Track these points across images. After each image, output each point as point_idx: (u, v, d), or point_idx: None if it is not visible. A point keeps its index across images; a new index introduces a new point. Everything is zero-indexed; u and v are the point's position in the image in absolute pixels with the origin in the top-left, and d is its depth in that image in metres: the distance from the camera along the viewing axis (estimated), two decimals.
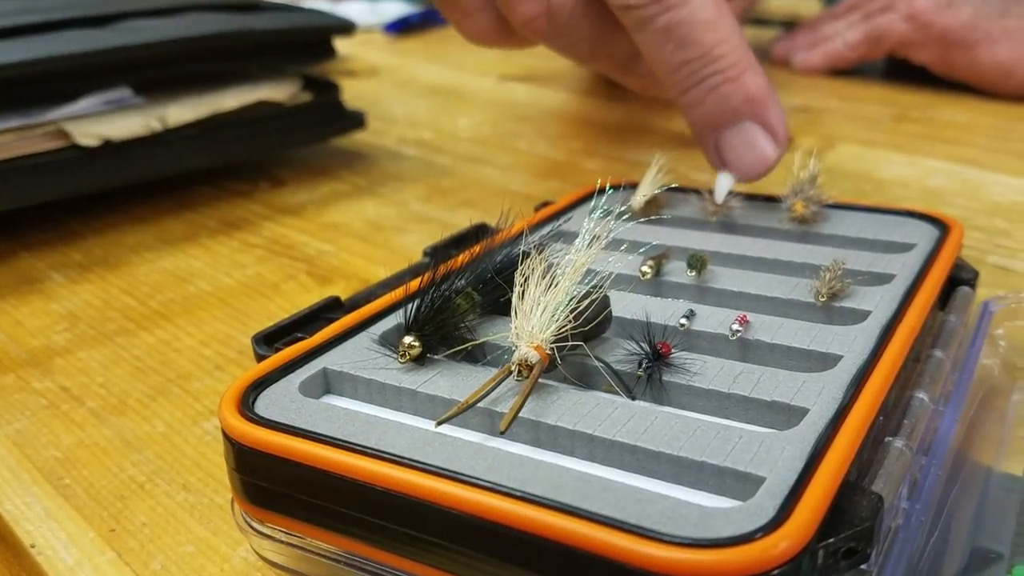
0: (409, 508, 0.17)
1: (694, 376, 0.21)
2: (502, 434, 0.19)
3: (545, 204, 0.34)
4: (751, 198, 0.32)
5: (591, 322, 0.22)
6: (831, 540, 0.16)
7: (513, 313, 0.21)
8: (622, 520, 0.16)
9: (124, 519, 0.23)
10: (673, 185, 0.31)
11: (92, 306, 0.35)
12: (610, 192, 0.25)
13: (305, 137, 0.50)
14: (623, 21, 0.32)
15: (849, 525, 0.17)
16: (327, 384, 0.22)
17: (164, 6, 0.47)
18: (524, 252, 0.23)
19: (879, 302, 0.24)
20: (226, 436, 0.20)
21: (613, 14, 0.32)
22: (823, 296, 0.25)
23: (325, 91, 0.50)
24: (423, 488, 0.17)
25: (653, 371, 0.21)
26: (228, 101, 0.45)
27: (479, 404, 0.20)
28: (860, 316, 0.24)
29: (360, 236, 0.41)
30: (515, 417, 0.19)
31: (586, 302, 0.21)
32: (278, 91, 0.47)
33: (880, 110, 0.58)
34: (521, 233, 0.26)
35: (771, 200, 0.32)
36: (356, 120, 0.50)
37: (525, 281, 0.21)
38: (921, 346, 0.24)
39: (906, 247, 0.28)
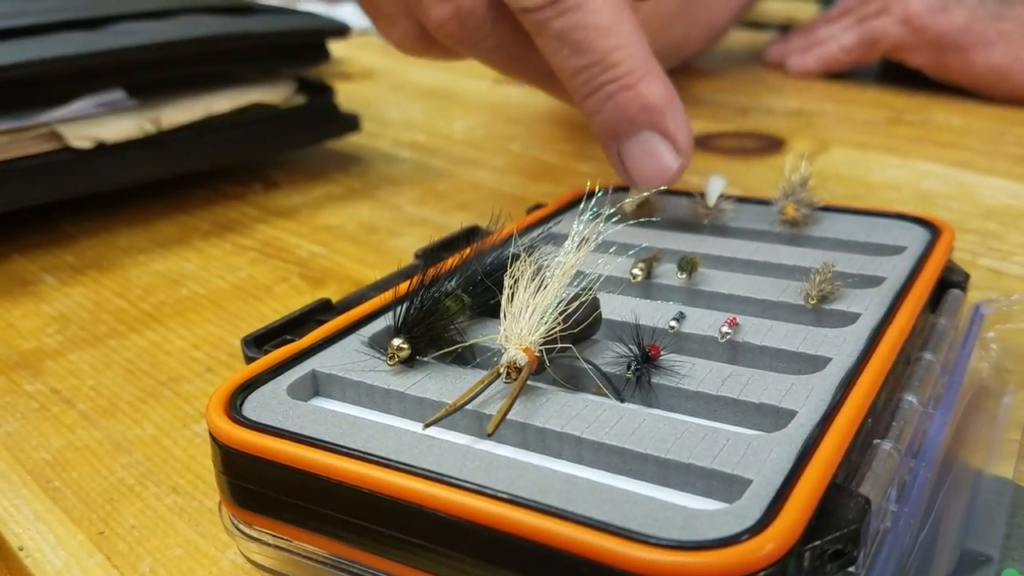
0: (396, 510, 0.17)
1: (683, 378, 0.21)
2: (490, 436, 0.19)
3: (536, 207, 0.34)
4: (742, 201, 0.32)
5: (580, 324, 0.22)
6: (818, 542, 0.16)
7: (502, 315, 0.21)
8: (608, 522, 0.16)
9: (113, 522, 0.23)
10: (664, 187, 0.31)
11: (84, 308, 0.35)
12: (601, 195, 0.25)
13: (299, 140, 0.50)
14: (525, 27, 0.31)
15: (836, 527, 0.17)
16: (316, 386, 0.22)
17: (158, 8, 0.47)
18: (514, 254, 0.23)
19: (869, 304, 0.24)
20: (213, 439, 0.20)
21: None
22: (813, 299, 0.25)
23: (319, 94, 0.50)
24: (410, 490, 0.17)
25: (642, 373, 0.21)
26: (222, 103, 0.45)
27: (467, 406, 0.20)
28: (850, 319, 0.24)
29: (353, 239, 0.41)
30: (503, 419, 0.19)
31: (575, 304, 0.21)
32: (272, 94, 0.47)
33: (874, 113, 0.58)
34: (511, 236, 0.26)
35: (762, 203, 0.32)
36: (350, 123, 0.50)
37: (515, 283, 0.21)
38: (911, 348, 0.24)
39: (897, 250, 0.28)
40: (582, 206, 0.24)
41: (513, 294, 0.21)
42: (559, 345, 0.21)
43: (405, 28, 0.34)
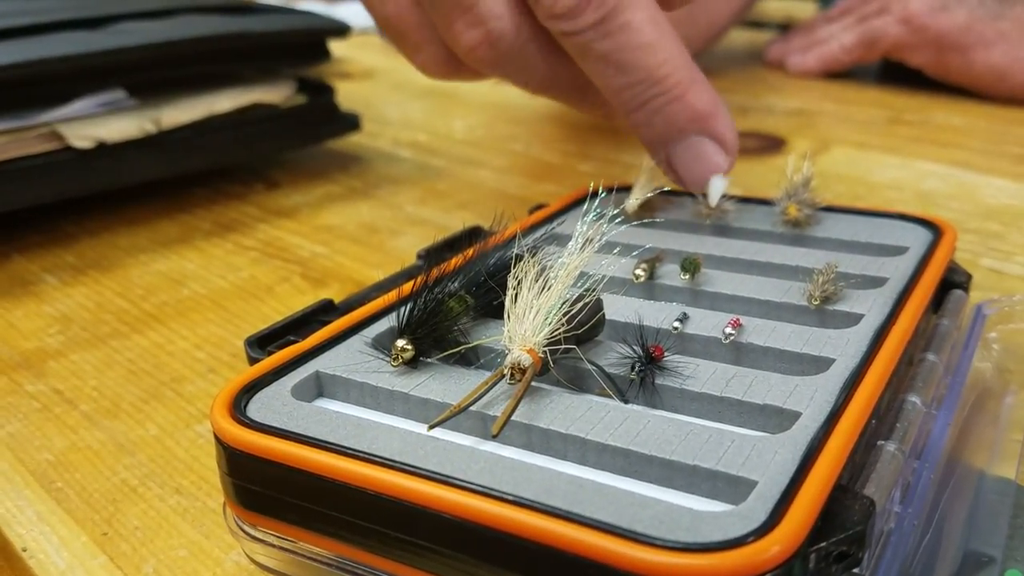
0: (401, 512, 0.17)
1: (687, 379, 0.21)
2: (494, 438, 0.19)
3: (539, 207, 0.34)
4: (745, 201, 0.32)
5: (584, 325, 0.22)
6: (823, 544, 0.16)
7: (506, 316, 0.21)
8: (614, 524, 0.16)
9: (116, 523, 0.23)
10: (667, 188, 0.31)
11: (85, 308, 0.35)
12: (603, 195, 0.25)
13: (300, 139, 0.50)
14: (565, 48, 0.31)
15: (841, 529, 0.17)
16: (320, 387, 0.22)
17: (158, 8, 0.47)
18: (517, 255, 0.23)
19: (872, 305, 0.24)
20: (218, 440, 0.20)
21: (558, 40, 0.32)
22: (816, 299, 0.25)
23: (320, 93, 0.50)
24: (415, 492, 0.17)
25: (646, 374, 0.21)
26: (222, 103, 0.45)
27: (472, 408, 0.20)
28: (853, 319, 0.24)
29: (354, 238, 0.41)
30: (507, 421, 0.19)
31: (579, 305, 0.21)
32: (273, 93, 0.47)
33: (874, 113, 0.58)
34: (514, 236, 0.26)
35: (765, 203, 0.32)
36: (351, 122, 0.50)
37: (518, 284, 0.21)
38: (914, 349, 0.24)
39: (899, 250, 0.28)
40: (585, 207, 0.24)
41: (517, 295, 0.21)
42: (563, 346, 0.21)
43: (433, 54, 0.34)
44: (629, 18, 0.30)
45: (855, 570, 0.17)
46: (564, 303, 0.21)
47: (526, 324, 0.21)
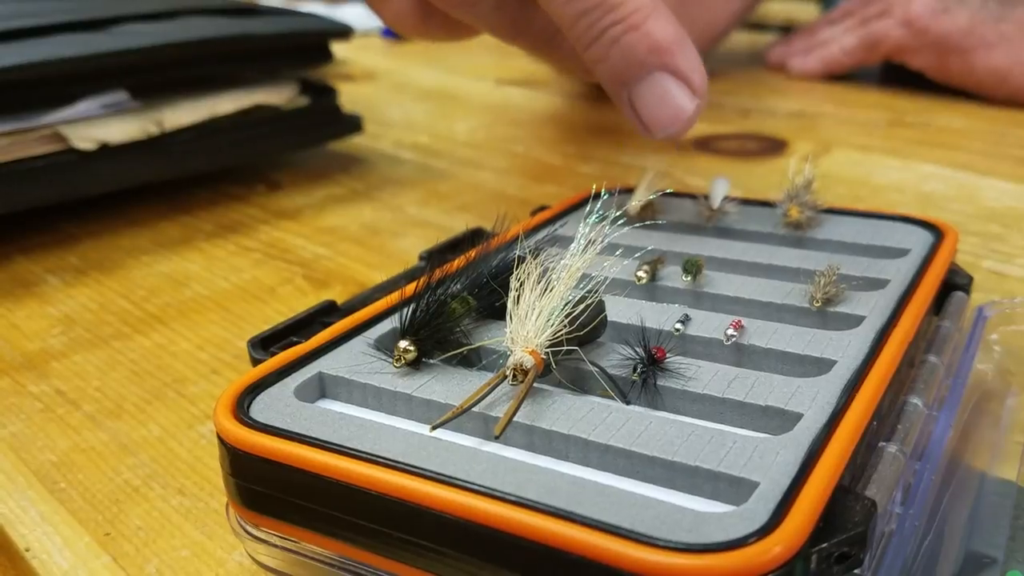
0: (404, 512, 0.17)
1: (689, 381, 0.21)
2: (497, 438, 0.19)
3: (541, 209, 0.34)
4: (746, 203, 0.32)
5: (586, 327, 0.22)
6: (824, 545, 0.16)
7: (508, 318, 0.21)
8: (616, 525, 0.16)
9: (119, 523, 0.23)
10: (669, 190, 0.31)
11: (88, 310, 0.35)
12: (605, 197, 0.25)
13: (302, 141, 0.50)
14: None
15: (843, 530, 0.17)
16: (322, 388, 0.22)
17: (161, 10, 0.47)
18: (519, 257, 0.23)
19: (873, 307, 0.24)
20: (221, 440, 0.20)
21: None
22: (818, 301, 0.25)
23: (322, 95, 0.50)
24: (418, 492, 0.17)
25: (648, 376, 0.21)
26: (225, 105, 0.45)
27: (474, 409, 0.20)
28: (854, 321, 0.24)
29: (357, 240, 0.41)
30: (510, 421, 0.19)
31: (581, 307, 0.21)
32: (275, 95, 0.47)
33: (876, 115, 0.58)
34: (516, 237, 0.26)
35: (766, 205, 0.32)
36: (353, 124, 0.50)
37: (520, 286, 0.21)
38: (915, 351, 0.24)
39: (900, 252, 0.28)
40: (587, 208, 0.24)
41: (519, 296, 0.21)
42: (565, 347, 0.21)
43: (402, 4, 0.33)
44: None
45: (856, 571, 0.17)
46: (566, 305, 0.21)
47: (528, 325, 0.21)
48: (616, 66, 0.30)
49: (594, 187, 0.25)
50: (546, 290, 0.21)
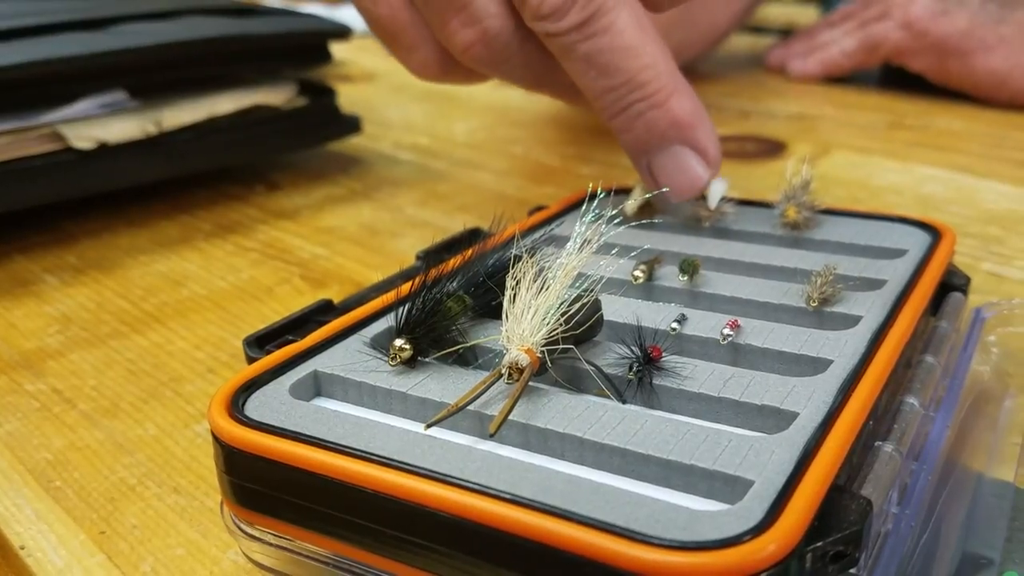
0: (398, 510, 0.17)
1: (684, 380, 0.21)
2: (492, 437, 0.19)
3: (538, 209, 0.34)
4: (744, 204, 0.32)
5: (582, 326, 0.22)
6: (819, 544, 0.16)
7: (504, 316, 0.21)
8: (611, 523, 0.16)
9: (114, 521, 0.23)
10: (666, 190, 0.31)
11: (86, 309, 0.35)
12: (603, 196, 0.25)
13: (301, 141, 0.50)
14: (550, 48, 0.31)
15: (837, 529, 0.17)
16: (318, 386, 0.22)
17: (160, 10, 0.47)
18: (516, 256, 0.23)
19: (870, 307, 0.24)
20: (215, 438, 0.20)
21: None
22: (814, 301, 0.25)
23: (321, 95, 0.50)
24: (412, 490, 0.17)
25: (644, 375, 0.21)
26: (224, 105, 0.45)
27: (469, 407, 0.20)
28: (851, 321, 0.24)
29: (355, 240, 0.41)
30: (505, 420, 0.19)
31: (577, 306, 0.21)
32: (274, 95, 0.47)
33: (875, 117, 0.58)
34: (513, 237, 0.26)
35: (764, 206, 0.32)
36: (352, 125, 0.50)
37: (516, 284, 0.21)
38: (912, 351, 0.24)
39: (898, 253, 0.28)
40: (584, 208, 0.24)
41: (515, 295, 0.21)
42: (561, 346, 0.21)
43: (427, 55, 0.34)
44: (613, 20, 0.30)
45: (851, 571, 0.17)
46: (562, 303, 0.21)
47: (524, 324, 0.21)
48: (639, 137, 0.31)
49: (591, 186, 0.25)
50: (542, 289, 0.21)
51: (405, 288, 0.23)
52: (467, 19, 0.31)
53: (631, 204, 0.31)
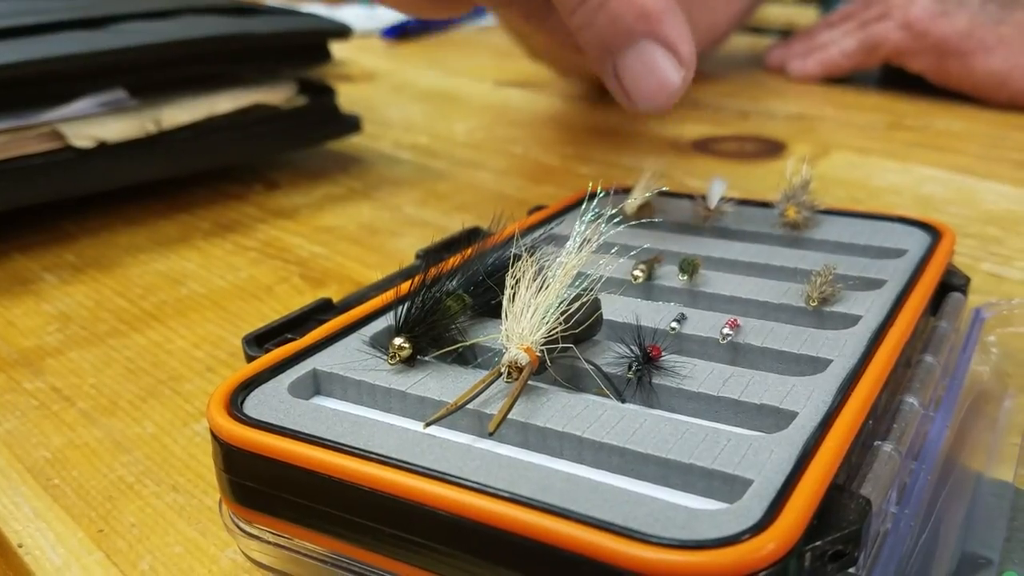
0: (397, 509, 0.17)
1: (684, 379, 0.21)
2: (491, 435, 0.19)
3: (538, 208, 0.34)
4: (744, 203, 0.32)
5: (582, 325, 0.22)
6: (818, 543, 0.16)
7: (504, 315, 0.21)
8: (609, 521, 0.16)
9: (113, 519, 0.23)
10: (666, 189, 0.31)
11: (84, 307, 0.35)
12: (603, 196, 0.25)
13: (300, 140, 0.50)
14: None
15: (837, 528, 0.17)
16: (317, 385, 0.22)
17: (160, 8, 0.47)
18: (515, 255, 0.23)
19: (870, 307, 0.24)
20: (214, 436, 0.20)
21: None
22: (814, 301, 0.25)
23: (321, 95, 0.50)
24: (411, 489, 0.17)
25: (643, 374, 0.21)
26: (223, 104, 0.45)
27: (468, 405, 0.20)
28: (851, 321, 0.24)
29: (354, 239, 0.41)
30: (504, 418, 0.19)
31: (577, 305, 0.21)
32: (273, 94, 0.47)
33: (875, 118, 0.58)
34: (513, 236, 0.26)
35: (763, 206, 0.32)
36: (352, 124, 0.50)
37: (516, 283, 0.21)
38: (912, 351, 0.24)
39: (898, 253, 0.28)
40: (584, 207, 0.24)
41: (515, 294, 0.21)
42: (560, 345, 0.21)
43: None
44: None
45: (850, 570, 0.17)
46: (562, 302, 0.21)
47: (523, 323, 0.21)
48: (602, 32, 0.29)
49: (590, 185, 0.25)
50: (542, 288, 0.21)
51: (404, 287, 0.23)
52: None
53: (631, 203, 0.31)
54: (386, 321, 0.24)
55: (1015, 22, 0.57)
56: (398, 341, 0.22)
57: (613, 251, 0.25)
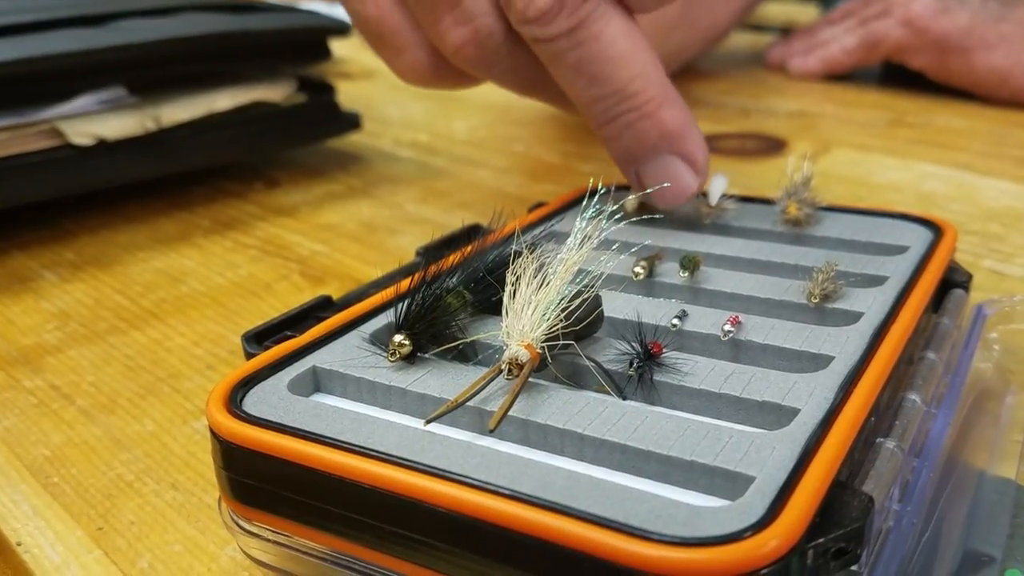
0: (397, 506, 0.17)
1: (685, 376, 0.21)
2: (491, 432, 0.19)
3: (538, 205, 0.34)
4: (745, 200, 0.32)
5: (582, 321, 0.21)
6: (821, 540, 0.16)
7: (504, 312, 0.21)
8: (611, 518, 0.16)
9: (112, 517, 0.23)
10: (667, 185, 0.31)
11: (84, 305, 0.35)
12: (603, 192, 0.25)
13: (300, 138, 0.50)
14: (537, 54, 0.31)
15: (839, 525, 0.16)
16: (316, 382, 0.22)
17: (159, 6, 0.47)
18: (516, 251, 0.23)
19: (872, 304, 0.24)
20: (213, 433, 0.20)
21: None
22: (816, 297, 0.25)
23: (320, 92, 0.50)
24: (411, 486, 0.17)
25: (644, 371, 0.21)
26: (223, 101, 0.45)
27: (469, 403, 0.20)
28: (853, 317, 0.24)
29: (354, 237, 0.41)
30: (505, 415, 0.19)
31: (577, 302, 0.21)
32: (273, 92, 0.47)
33: (876, 115, 0.58)
34: (513, 233, 0.26)
35: (765, 202, 0.32)
36: (351, 121, 0.50)
37: (516, 280, 0.21)
38: (914, 348, 0.24)
39: (900, 249, 0.28)
40: (584, 204, 0.24)
41: (515, 291, 0.21)
42: (561, 342, 0.21)
43: (416, 57, 0.33)
44: (602, 28, 0.29)
45: (853, 567, 0.17)
46: (563, 299, 0.21)
47: (524, 320, 0.21)
48: (628, 146, 0.31)
49: (591, 182, 0.25)
50: (542, 285, 0.21)
51: (405, 284, 0.23)
52: (460, 17, 0.30)
53: (631, 200, 0.31)
54: (386, 318, 0.24)
55: (1016, 19, 0.57)
56: (398, 338, 0.22)
57: (614, 248, 0.25)
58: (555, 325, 0.21)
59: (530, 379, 0.20)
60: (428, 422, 0.19)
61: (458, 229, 0.32)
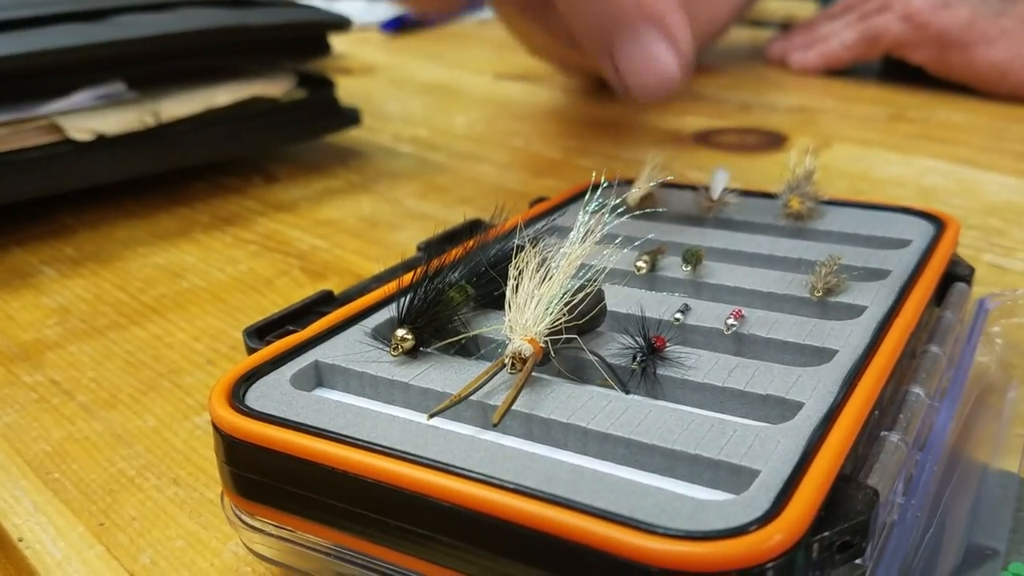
0: (401, 500, 0.17)
1: (689, 370, 0.21)
2: (495, 427, 0.19)
3: (540, 200, 0.34)
4: (747, 194, 0.32)
5: (585, 316, 0.21)
6: (826, 533, 0.16)
7: (507, 306, 0.21)
8: (615, 512, 0.16)
9: (113, 513, 0.23)
10: (670, 177, 0.31)
11: (84, 300, 0.35)
12: (606, 186, 0.25)
13: (299, 133, 0.50)
14: None
15: (844, 519, 0.16)
16: (319, 377, 0.22)
17: (158, 1, 0.47)
18: (518, 246, 0.23)
19: (875, 297, 0.24)
20: (216, 428, 0.19)
21: None
22: (818, 291, 0.24)
23: (320, 88, 0.50)
24: (415, 480, 0.17)
25: (647, 365, 0.21)
26: (222, 96, 0.45)
27: (472, 397, 0.20)
28: (856, 311, 0.24)
29: (354, 232, 0.40)
30: (508, 410, 0.19)
31: (580, 295, 0.21)
32: (273, 87, 0.47)
33: (876, 110, 0.58)
34: (515, 227, 0.26)
35: (767, 196, 0.32)
36: (351, 117, 0.50)
37: (519, 274, 0.21)
38: (917, 342, 0.24)
39: (902, 243, 0.28)
40: (587, 198, 0.24)
41: (518, 285, 0.21)
42: (564, 336, 0.21)
43: None
44: None
45: (858, 561, 0.17)
46: (565, 293, 0.21)
47: (527, 314, 0.21)
48: (600, 17, 0.29)
49: (593, 176, 0.25)
50: (545, 278, 0.21)
51: (407, 278, 0.23)
52: None
53: (634, 194, 0.31)
54: (388, 313, 0.24)
55: (1016, 14, 0.57)
56: (400, 332, 0.22)
57: (616, 242, 0.25)
58: (558, 319, 0.21)
59: (533, 373, 0.20)
60: (431, 416, 0.19)
61: (459, 224, 0.31)
